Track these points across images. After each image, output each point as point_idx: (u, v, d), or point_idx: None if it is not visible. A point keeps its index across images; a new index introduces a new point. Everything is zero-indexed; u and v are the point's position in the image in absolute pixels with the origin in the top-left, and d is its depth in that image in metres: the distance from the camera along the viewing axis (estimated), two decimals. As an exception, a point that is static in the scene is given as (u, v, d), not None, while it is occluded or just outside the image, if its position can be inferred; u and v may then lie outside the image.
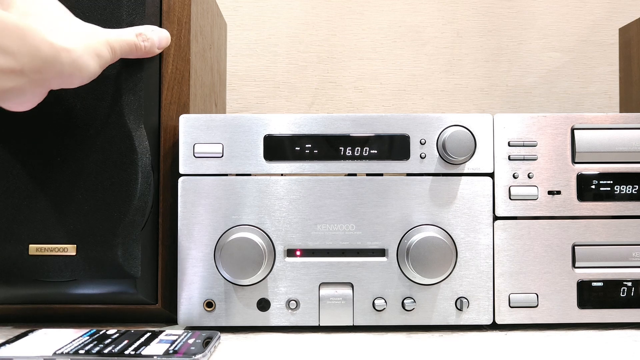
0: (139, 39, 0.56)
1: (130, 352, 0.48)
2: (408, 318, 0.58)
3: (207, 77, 0.72)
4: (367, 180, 0.59)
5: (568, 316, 0.59)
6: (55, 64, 0.48)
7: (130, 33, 0.55)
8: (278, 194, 0.59)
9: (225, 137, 0.59)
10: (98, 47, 0.52)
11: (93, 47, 0.51)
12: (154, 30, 0.58)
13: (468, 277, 0.58)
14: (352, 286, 0.58)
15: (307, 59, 1.04)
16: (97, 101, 0.56)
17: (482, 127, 0.59)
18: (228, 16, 0.96)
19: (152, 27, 0.58)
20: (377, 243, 0.59)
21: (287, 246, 0.58)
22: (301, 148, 0.59)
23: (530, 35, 1.04)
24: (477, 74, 1.04)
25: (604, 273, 0.59)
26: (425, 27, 1.04)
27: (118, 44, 0.54)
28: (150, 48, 0.57)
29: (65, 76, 0.49)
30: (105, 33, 0.53)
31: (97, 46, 0.52)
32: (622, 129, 0.60)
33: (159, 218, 0.60)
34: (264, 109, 1.03)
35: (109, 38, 0.53)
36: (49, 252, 0.56)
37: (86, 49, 0.50)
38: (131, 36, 0.55)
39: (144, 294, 0.58)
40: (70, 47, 0.49)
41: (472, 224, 0.59)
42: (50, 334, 0.53)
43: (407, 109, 1.04)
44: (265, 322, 0.58)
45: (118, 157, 0.56)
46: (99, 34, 0.53)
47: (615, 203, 0.59)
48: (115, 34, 0.54)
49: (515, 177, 0.59)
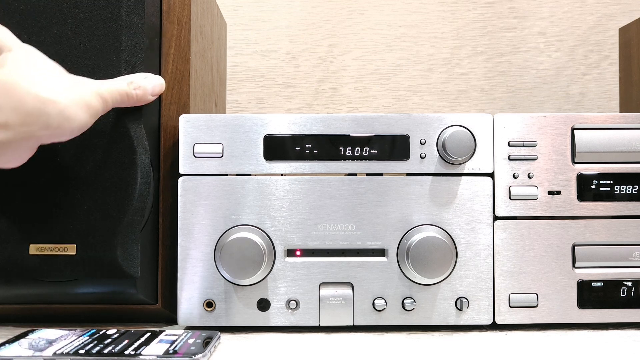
0: (130, 87, 0.55)
1: (130, 352, 0.48)
2: (408, 318, 0.58)
3: (207, 77, 0.72)
4: (367, 180, 0.59)
5: (568, 316, 0.59)
6: (42, 115, 0.47)
7: (122, 82, 0.54)
8: (278, 194, 0.58)
9: (225, 137, 0.59)
10: (87, 97, 0.51)
11: (82, 98, 0.50)
12: (146, 77, 0.56)
13: (468, 277, 0.58)
14: (352, 286, 0.58)
15: (307, 59, 1.04)
16: (97, 101, 0.56)
17: (482, 127, 0.59)
18: (228, 16, 0.96)
19: (145, 74, 0.57)
20: (377, 243, 0.59)
21: (287, 246, 0.58)
22: (301, 148, 0.59)
23: (530, 35, 1.04)
24: (477, 74, 1.04)
25: (604, 273, 0.59)
26: (425, 27, 1.04)
27: (109, 94, 0.53)
28: (142, 96, 0.56)
29: (54, 128, 0.48)
30: (95, 84, 0.53)
31: (86, 97, 0.51)
32: (622, 129, 0.60)
33: (159, 218, 0.60)
34: (264, 109, 1.03)
35: (99, 88, 0.52)
36: (49, 251, 0.56)
37: (74, 100, 0.49)
38: (122, 85, 0.54)
39: (144, 294, 0.58)
40: (57, 99, 0.48)
41: (472, 224, 0.59)
42: (50, 334, 0.53)
43: (407, 109, 1.03)
44: (265, 322, 0.58)
45: (117, 157, 0.56)
46: (88, 85, 0.52)
47: (615, 203, 0.59)
48: (106, 84, 0.53)
49: (515, 177, 0.59)
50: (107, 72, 0.56)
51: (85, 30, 0.57)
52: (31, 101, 0.47)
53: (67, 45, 0.57)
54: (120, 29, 0.57)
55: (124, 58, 0.57)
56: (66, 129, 0.49)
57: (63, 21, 0.57)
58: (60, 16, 0.57)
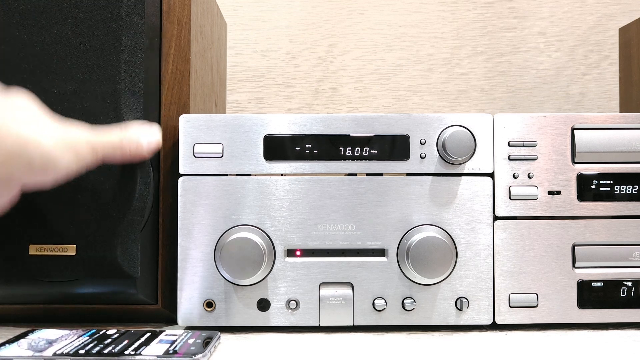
0: (123, 142, 0.52)
1: (130, 352, 0.48)
2: (408, 318, 0.58)
3: (207, 77, 0.72)
4: (367, 180, 0.59)
5: (568, 316, 0.59)
6: (22, 155, 0.44)
7: (116, 135, 0.52)
8: (278, 194, 0.58)
9: (225, 137, 0.59)
10: (75, 143, 0.48)
11: (69, 142, 0.47)
12: (142, 130, 0.54)
13: (468, 277, 0.58)
14: (352, 286, 0.58)
15: (307, 59, 1.04)
16: (97, 101, 0.56)
17: (482, 127, 0.59)
18: (228, 16, 0.96)
19: (142, 127, 0.54)
20: (377, 243, 0.59)
21: (287, 246, 0.58)
22: (301, 148, 0.59)
23: (530, 35, 1.04)
24: (477, 74, 1.04)
25: (604, 273, 0.59)
26: (425, 27, 1.04)
27: (100, 145, 0.50)
28: (136, 152, 0.53)
29: (37, 170, 0.45)
30: (87, 133, 0.50)
31: (73, 142, 0.48)
32: (622, 129, 0.60)
33: (159, 218, 0.60)
34: (264, 109, 1.03)
35: (91, 138, 0.50)
36: (49, 252, 0.56)
37: (60, 142, 0.46)
38: (116, 139, 0.51)
39: (144, 294, 0.58)
40: (41, 139, 0.45)
41: (472, 224, 0.59)
42: (50, 334, 0.53)
43: (407, 109, 1.03)
44: (265, 322, 0.58)
45: (118, 157, 0.56)
46: (79, 132, 0.49)
47: (615, 203, 0.59)
48: (99, 136, 0.50)
49: (515, 177, 0.59)
50: (107, 71, 0.56)
51: (86, 30, 0.57)
52: (11, 141, 0.44)
53: (67, 45, 0.57)
54: (120, 29, 0.57)
55: (124, 58, 0.57)
56: (50, 172, 0.46)
57: (63, 21, 0.57)
58: (60, 16, 0.57)
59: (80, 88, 0.56)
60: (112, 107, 0.56)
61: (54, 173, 0.47)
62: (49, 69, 0.56)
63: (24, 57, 0.56)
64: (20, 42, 0.56)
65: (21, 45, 0.56)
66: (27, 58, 0.56)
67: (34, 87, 0.56)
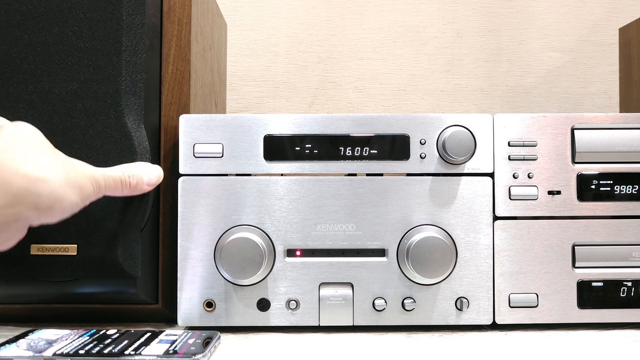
0: (125, 175, 0.53)
1: (130, 352, 0.48)
2: (408, 318, 0.58)
3: (207, 77, 0.72)
4: (367, 180, 0.59)
5: (568, 316, 0.59)
6: (30, 195, 0.45)
7: (118, 170, 0.53)
8: (278, 194, 0.59)
9: (225, 137, 0.59)
10: (79, 179, 0.49)
11: (73, 178, 0.48)
12: (144, 167, 0.55)
13: (468, 277, 0.58)
14: (352, 286, 0.58)
15: (307, 59, 1.04)
16: (98, 102, 0.56)
17: (482, 127, 0.59)
18: (228, 16, 0.96)
19: (143, 164, 0.56)
20: (377, 243, 0.59)
21: (287, 246, 0.58)
22: (301, 148, 0.59)
23: (530, 35, 1.04)
24: (477, 74, 1.04)
25: (604, 273, 0.59)
26: (425, 27, 1.04)
27: (103, 179, 0.51)
28: (138, 185, 0.54)
29: (44, 208, 0.46)
30: (90, 168, 0.51)
31: (78, 178, 0.49)
32: (622, 129, 0.60)
33: (159, 218, 0.60)
34: (264, 109, 1.03)
35: (94, 173, 0.51)
36: (50, 252, 0.56)
37: (65, 179, 0.47)
38: (118, 172, 0.53)
39: (144, 294, 0.58)
40: (48, 178, 0.45)
41: (472, 224, 0.59)
42: (50, 334, 0.53)
43: (407, 109, 1.04)
44: (265, 322, 0.58)
45: (118, 158, 0.56)
46: (82, 167, 0.50)
47: (615, 203, 0.59)
48: (102, 170, 0.52)
49: (515, 177, 0.59)
50: (108, 72, 0.57)
51: (86, 31, 0.57)
52: (19, 182, 0.44)
53: (68, 45, 0.57)
54: (120, 30, 0.57)
55: (125, 58, 0.57)
56: (57, 210, 0.47)
57: (64, 22, 0.57)
58: (61, 17, 0.57)
59: (81, 88, 0.56)
60: (113, 107, 0.56)
61: (60, 210, 0.47)
62: (50, 70, 0.56)
63: (25, 57, 0.56)
64: (21, 42, 0.57)
65: (22, 46, 0.57)
66: (28, 59, 0.56)
67: (34, 88, 0.56)
